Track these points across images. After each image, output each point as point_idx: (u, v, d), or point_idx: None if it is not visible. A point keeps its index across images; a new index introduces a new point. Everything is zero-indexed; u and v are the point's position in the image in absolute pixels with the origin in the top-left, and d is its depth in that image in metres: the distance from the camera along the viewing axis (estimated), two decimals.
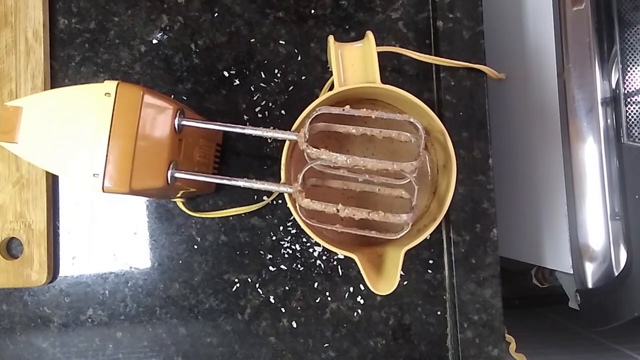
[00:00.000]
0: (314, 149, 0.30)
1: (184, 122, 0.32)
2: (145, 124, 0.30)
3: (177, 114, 0.32)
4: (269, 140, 0.43)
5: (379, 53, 0.34)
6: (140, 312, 0.43)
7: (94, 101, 0.30)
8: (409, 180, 0.31)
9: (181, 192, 0.38)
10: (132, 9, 0.43)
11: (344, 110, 0.31)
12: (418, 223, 0.38)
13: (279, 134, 0.32)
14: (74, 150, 0.30)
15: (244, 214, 0.43)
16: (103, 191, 0.30)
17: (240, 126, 0.32)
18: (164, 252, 0.43)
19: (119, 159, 0.30)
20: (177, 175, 0.32)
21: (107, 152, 0.30)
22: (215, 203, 0.43)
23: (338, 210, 0.30)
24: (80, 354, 0.43)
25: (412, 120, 0.31)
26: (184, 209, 0.42)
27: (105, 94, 0.30)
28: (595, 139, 0.43)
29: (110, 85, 0.30)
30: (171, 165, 0.32)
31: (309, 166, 0.31)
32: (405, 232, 0.32)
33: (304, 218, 0.32)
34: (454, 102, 0.41)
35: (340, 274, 0.43)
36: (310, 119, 0.31)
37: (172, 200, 0.43)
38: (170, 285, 0.43)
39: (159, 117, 0.31)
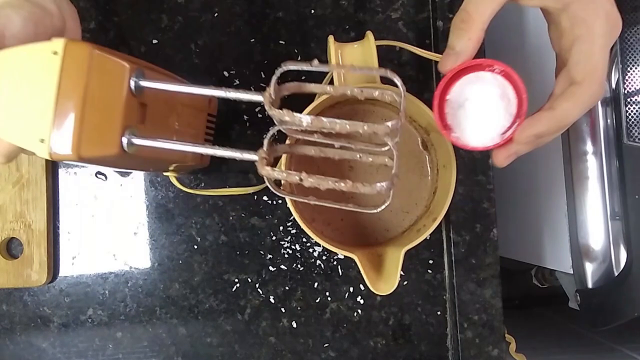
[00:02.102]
0: (277, 110, 0.27)
1: (143, 84, 0.29)
2: (95, 85, 0.27)
3: (135, 75, 0.28)
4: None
5: (379, 54, 0.34)
6: (140, 312, 0.43)
7: (41, 61, 0.27)
8: (389, 147, 0.28)
9: (173, 165, 0.36)
10: (132, 9, 0.43)
11: (312, 65, 0.29)
12: (418, 223, 0.38)
13: (242, 95, 0.28)
14: (22, 113, 0.28)
15: (244, 214, 0.42)
16: (51, 158, 0.27)
17: (199, 86, 0.29)
18: (164, 252, 0.43)
19: (66, 123, 0.27)
20: (136, 142, 0.28)
21: (54, 115, 0.27)
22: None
23: (301, 180, 0.27)
24: (80, 354, 0.43)
25: (388, 74, 0.28)
26: (176, 183, 0.42)
27: (53, 53, 0.27)
28: (595, 139, 0.43)
29: (57, 44, 0.27)
30: (127, 131, 0.28)
31: (276, 129, 0.29)
32: (386, 205, 0.28)
33: (274, 189, 0.29)
34: None
35: (340, 274, 0.43)
36: (276, 77, 0.27)
37: (165, 174, 0.42)
38: (170, 285, 0.43)
39: (112, 77, 0.28)
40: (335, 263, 0.43)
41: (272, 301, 0.43)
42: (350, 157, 0.30)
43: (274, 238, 0.43)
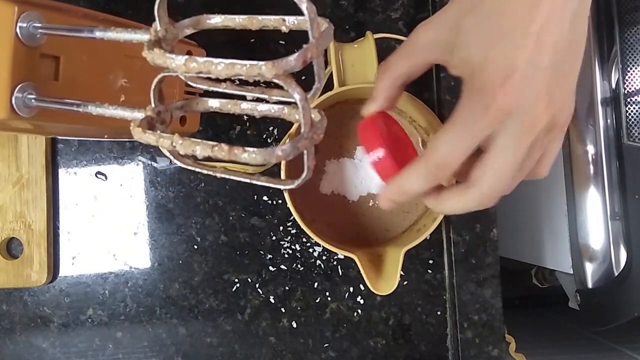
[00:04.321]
0: (153, 52, 0.21)
1: (41, 30, 0.23)
2: None
3: (24, 18, 0.23)
4: (269, 140, 0.43)
5: (378, 53, 0.34)
6: (140, 312, 0.43)
7: None
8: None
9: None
10: (132, 9, 0.43)
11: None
12: (418, 223, 0.38)
13: (125, 35, 0.23)
14: None
15: (244, 214, 0.42)
16: None
17: (96, 28, 0.23)
18: (164, 252, 0.43)
19: None
20: (37, 103, 0.24)
21: None
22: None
23: (174, 145, 0.21)
24: (80, 354, 0.43)
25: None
26: (168, 154, 0.40)
27: None
28: (595, 139, 0.43)
29: None
30: (20, 90, 0.23)
31: (160, 76, 0.24)
32: (302, 179, 0.23)
33: (176, 159, 0.24)
34: (454, 102, 0.41)
35: (340, 274, 0.43)
36: (158, 3, 0.23)
37: (154, 145, 0.37)
38: (170, 285, 0.43)
39: None
40: (335, 263, 0.43)
41: (272, 301, 0.43)
42: (270, 114, 0.25)
43: (274, 238, 0.43)
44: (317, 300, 0.42)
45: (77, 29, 0.23)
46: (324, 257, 0.43)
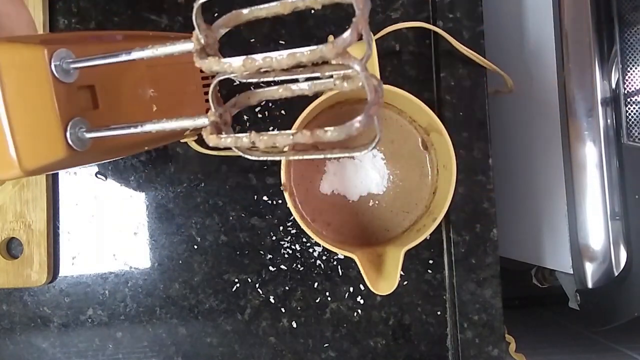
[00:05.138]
0: (205, 60, 0.22)
1: (74, 65, 0.24)
2: (12, 83, 0.23)
3: (56, 57, 0.24)
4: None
5: (378, 53, 0.34)
6: (140, 312, 0.43)
7: None
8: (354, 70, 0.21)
9: (188, 130, 0.32)
10: (132, 9, 0.43)
11: None
12: (418, 223, 0.38)
13: (172, 48, 0.22)
14: None
15: (244, 214, 0.42)
16: None
17: (129, 51, 0.23)
18: (164, 252, 0.43)
19: None
20: (88, 135, 0.24)
21: None
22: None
23: (253, 142, 0.22)
24: (80, 354, 0.43)
25: None
26: (195, 146, 0.40)
27: None
28: (595, 139, 0.43)
29: None
30: (71, 126, 0.24)
31: (216, 81, 0.24)
32: (377, 141, 0.23)
33: (244, 154, 0.24)
34: (454, 102, 0.41)
35: (340, 274, 0.43)
36: (197, 10, 0.21)
37: (183, 141, 0.38)
38: (170, 285, 0.43)
39: (28, 67, 0.23)
40: (335, 263, 0.43)
41: (272, 301, 0.43)
42: (322, 89, 0.25)
43: (274, 238, 0.43)
44: (317, 300, 0.42)
45: (114, 55, 0.23)
46: (324, 257, 0.43)
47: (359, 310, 0.42)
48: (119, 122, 0.24)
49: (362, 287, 0.42)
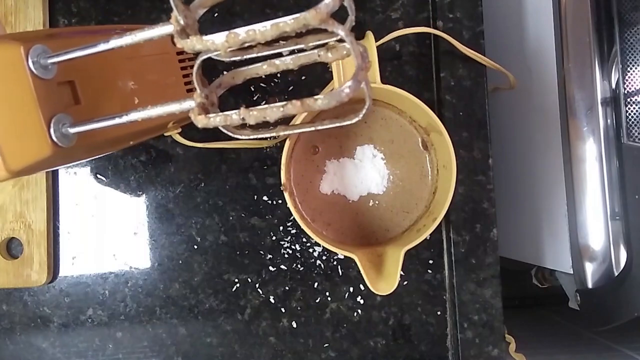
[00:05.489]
0: (186, 40, 0.21)
1: (52, 60, 0.23)
2: None
3: (33, 54, 0.23)
4: (269, 143, 0.43)
5: (378, 53, 0.34)
6: (140, 312, 0.43)
7: None
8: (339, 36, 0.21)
9: (170, 124, 0.31)
10: (132, 9, 0.43)
11: None
12: (418, 223, 0.38)
13: (150, 32, 0.22)
14: None
15: (244, 214, 0.42)
16: None
17: (106, 40, 0.22)
18: (164, 252, 0.43)
19: None
20: (72, 130, 0.24)
21: None
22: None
23: (243, 118, 0.22)
24: (80, 354, 0.43)
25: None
26: (180, 139, 0.39)
27: None
28: (595, 139, 0.43)
29: None
30: (54, 123, 0.23)
31: (200, 60, 0.23)
32: (366, 108, 0.23)
33: (230, 132, 0.24)
34: (454, 102, 0.41)
35: (340, 274, 0.43)
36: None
37: (167, 134, 0.38)
38: (170, 285, 0.43)
39: (6, 67, 0.22)
40: (335, 263, 0.43)
41: (272, 301, 0.43)
42: (307, 61, 0.24)
43: (274, 238, 0.43)
44: (317, 300, 0.42)
45: (92, 45, 0.22)
46: (324, 257, 0.43)
47: (359, 310, 0.42)
48: (102, 115, 0.24)
49: (362, 287, 0.42)
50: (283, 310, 0.43)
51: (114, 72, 0.28)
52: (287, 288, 0.43)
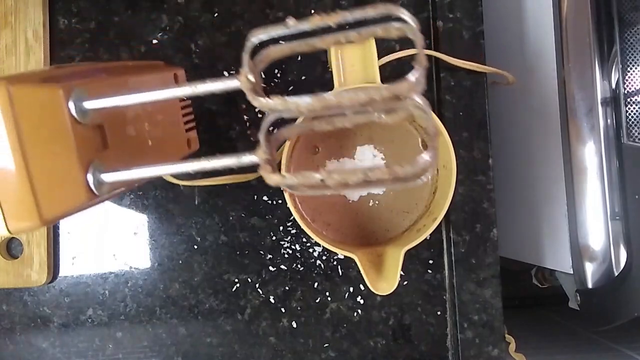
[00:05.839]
0: (263, 100, 0.21)
1: (88, 106, 0.22)
2: (29, 128, 0.21)
3: (74, 96, 0.22)
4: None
5: (379, 54, 0.34)
6: (140, 312, 0.43)
7: None
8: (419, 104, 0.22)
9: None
10: (132, 9, 0.43)
11: (287, 26, 0.23)
12: (418, 223, 0.38)
13: (214, 85, 0.22)
14: None
15: (244, 214, 0.43)
16: (11, 233, 0.22)
17: (162, 89, 0.22)
18: (164, 252, 0.43)
19: (11, 187, 0.21)
20: (106, 178, 0.23)
21: None
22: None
23: (323, 180, 0.21)
24: (80, 354, 0.43)
25: (392, 10, 0.22)
26: (170, 179, 0.40)
27: None
28: (595, 139, 0.43)
29: None
30: (90, 170, 0.23)
31: (270, 119, 0.23)
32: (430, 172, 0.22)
33: (287, 190, 0.24)
34: (454, 102, 0.41)
35: (340, 274, 0.43)
36: (247, 53, 0.22)
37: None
38: (170, 285, 0.43)
39: (45, 110, 0.21)
40: (335, 263, 0.43)
41: (272, 301, 0.43)
42: (366, 120, 0.24)
43: (274, 238, 0.43)
44: (317, 300, 0.42)
45: (145, 93, 0.21)
46: (324, 257, 0.43)
47: (359, 310, 0.42)
48: (124, 160, 0.23)
49: (362, 287, 0.42)
50: (283, 310, 0.43)
51: (135, 115, 0.27)
52: (287, 288, 0.43)
